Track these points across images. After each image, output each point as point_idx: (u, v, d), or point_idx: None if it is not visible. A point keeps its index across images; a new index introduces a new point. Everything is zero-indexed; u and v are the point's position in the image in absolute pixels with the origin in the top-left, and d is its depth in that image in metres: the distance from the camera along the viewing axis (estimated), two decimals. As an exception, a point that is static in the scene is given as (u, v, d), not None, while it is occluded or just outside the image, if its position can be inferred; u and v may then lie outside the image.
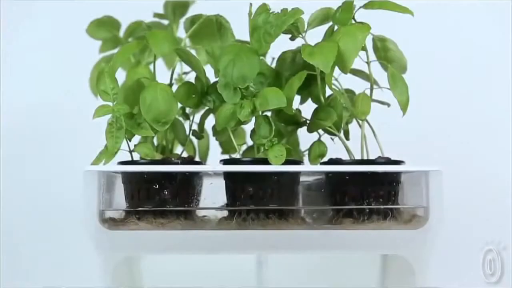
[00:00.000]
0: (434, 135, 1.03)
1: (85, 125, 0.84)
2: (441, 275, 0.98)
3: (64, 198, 1.00)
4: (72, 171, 0.78)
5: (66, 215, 0.98)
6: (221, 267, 0.89)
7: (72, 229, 0.90)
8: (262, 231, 0.72)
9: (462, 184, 0.97)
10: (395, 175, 0.76)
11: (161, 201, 0.73)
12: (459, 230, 1.03)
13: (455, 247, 1.00)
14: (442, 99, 1.05)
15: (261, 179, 0.74)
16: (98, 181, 0.73)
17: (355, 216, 0.74)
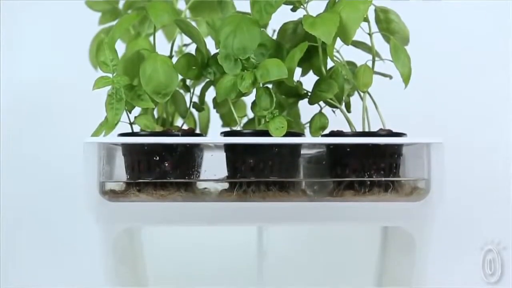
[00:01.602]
0: (436, 108, 1.03)
1: (85, 98, 0.84)
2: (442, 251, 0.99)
3: (65, 171, 1.00)
4: (73, 144, 0.78)
5: (67, 187, 0.99)
6: (221, 239, 0.89)
7: (73, 201, 0.91)
8: (262, 203, 0.72)
9: (463, 156, 0.97)
10: (396, 147, 0.75)
11: (162, 173, 0.73)
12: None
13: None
14: (444, 71, 1.04)
15: (262, 151, 0.74)
16: (98, 152, 0.73)
17: (356, 188, 0.74)
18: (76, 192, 0.76)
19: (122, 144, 0.75)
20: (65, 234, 1.04)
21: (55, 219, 1.05)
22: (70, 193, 0.92)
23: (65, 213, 1.03)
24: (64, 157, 1.00)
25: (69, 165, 0.87)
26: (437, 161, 0.73)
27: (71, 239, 1.04)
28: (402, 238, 0.77)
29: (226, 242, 0.89)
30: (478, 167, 1.02)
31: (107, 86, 0.75)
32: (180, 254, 0.92)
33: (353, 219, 0.73)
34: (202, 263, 0.91)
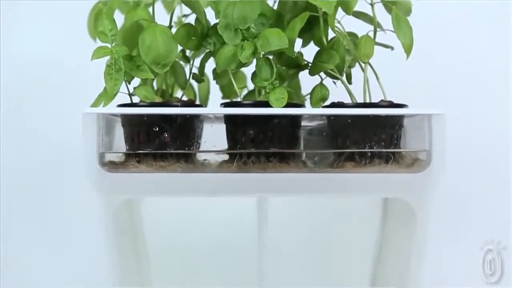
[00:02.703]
0: (437, 79, 1.02)
1: (85, 71, 0.84)
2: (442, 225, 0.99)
3: (65, 144, 0.99)
4: (72, 116, 0.77)
5: (67, 160, 0.98)
6: (221, 210, 0.89)
7: (73, 174, 0.91)
8: (262, 174, 0.72)
9: (465, 128, 0.97)
10: (397, 119, 0.75)
11: (161, 144, 0.73)
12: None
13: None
14: (446, 42, 1.03)
15: (262, 122, 0.73)
16: (97, 123, 0.72)
17: (357, 160, 0.74)
18: (76, 164, 0.76)
19: (121, 115, 0.75)
20: (65, 206, 1.05)
21: (55, 191, 1.05)
22: (70, 166, 0.93)
23: (65, 186, 1.03)
24: (64, 130, 1.00)
25: (69, 138, 0.87)
26: (439, 132, 0.73)
27: (71, 211, 1.04)
28: (403, 209, 0.77)
29: (226, 214, 0.90)
30: (478, 139, 1.03)
31: (106, 56, 0.75)
32: (180, 226, 0.92)
33: (353, 191, 0.73)
34: (202, 235, 0.91)
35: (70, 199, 1.03)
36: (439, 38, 1.03)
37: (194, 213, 0.92)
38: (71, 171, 0.94)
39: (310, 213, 0.93)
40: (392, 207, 0.85)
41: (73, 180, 0.92)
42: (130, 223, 0.83)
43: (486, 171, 1.06)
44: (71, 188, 1.01)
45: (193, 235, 0.93)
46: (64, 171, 1.03)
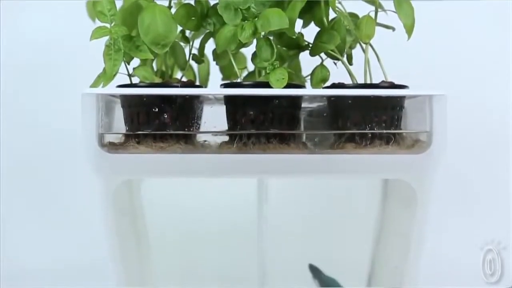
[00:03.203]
0: (439, 60, 1.02)
1: (85, 52, 0.83)
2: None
3: (65, 125, 0.99)
4: (72, 98, 0.77)
5: (67, 141, 0.98)
6: (221, 192, 0.89)
7: (73, 155, 0.90)
8: (263, 155, 0.72)
9: (466, 109, 0.97)
10: (398, 100, 0.74)
11: (161, 124, 0.72)
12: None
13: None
14: (448, 23, 1.03)
15: (262, 103, 0.73)
16: (97, 104, 0.72)
17: (357, 141, 0.73)
18: (76, 146, 0.75)
19: (120, 95, 0.74)
20: (65, 187, 1.04)
21: (55, 173, 1.05)
22: (70, 147, 0.92)
23: (65, 167, 1.03)
24: (63, 111, 0.99)
25: (69, 119, 0.86)
26: (440, 113, 0.72)
27: (71, 193, 1.04)
28: (403, 191, 0.77)
29: (226, 195, 0.90)
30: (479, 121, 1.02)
31: (105, 37, 0.74)
32: (180, 207, 0.92)
33: (353, 172, 0.73)
34: (202, 216, 0.91)
35: (70, 181, 1.03)
36: (440, 19, 1.02)
37: (194, 194, 0.91)
38: (71, 153, 0.94)
39: (310, 194, 0.93)
40: (393, 189, 0.85)
41: (73, 161, 0.91)
42: (130, 204, 0.82)
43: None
44: (71, 170, 1.01)
45: (193, 216, 0.93)
46: (64, 152, 1.02)
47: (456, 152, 0.88)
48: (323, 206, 0.85)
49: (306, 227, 0.84)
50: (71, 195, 1.04)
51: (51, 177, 1.05)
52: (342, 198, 0.87)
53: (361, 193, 0.88)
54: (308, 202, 0.93)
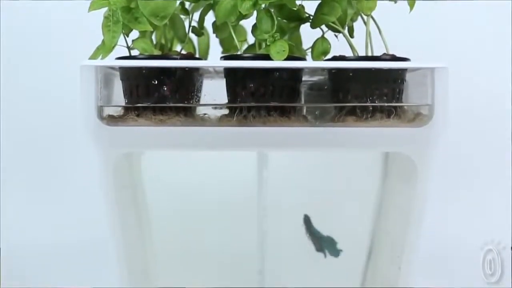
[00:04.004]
0: (441, 33, 1.01)
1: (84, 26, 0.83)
2: (444, 179, 0.99)
3: (64, 96, 0.98)
4: (72, 72, 0.77)
5: (67, 115, 0.98)
6: (221, 165, 0.89)
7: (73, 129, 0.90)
8: (263, 128, 0.71)
9: (467, 82, 0.96)
10: (399, 72, 0.74)
11: (160, 97, 0.72)
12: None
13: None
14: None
15: (263, 76, 0.72)
16: (96, 76, 0.71)
17: (358, 114, 0.73)
18: (76, 119, 0.75)
19: (120, 68, 0.74)
20: (65, 161, 1.04)
21: (55, 146, 1.04)
22: (70, 120, 0.92)
23: (65, 141, 1.03)
24: (63, 84, 0.98)
25: (68, 92, 0.86)
26: (441, 86, 0.72)
27: (71, 166, 1.04)
28: (404, 164, 0.77)
29: (226, 169, 0.89)
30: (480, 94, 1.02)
31: (104, 8, 0.73)
32: (180, 181, 0.92)
33: (354, 145, 0.72)
34: (202, 190, 0.91)
35: (70, 154, 1.03)
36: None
37: (194, 168, 0.91)
38: (71, 126, 0.93)
39: (310, 168, 0.93)
40: (393, 162, 0.85)
41: (72, 134, 0.91)
42: (130, 177, 0.82)
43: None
44: (71, 143, 1.01)
45: (193, 190, 0.93)
46: (64, 125, 1.02)
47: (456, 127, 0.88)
48: (324, 179, 0.85)
49: (306, 200, 0.84)
50: (70, 169, 1.03)
51: (50, 150, 1.05)
52: (343, 171, 0.86)
53: (362, 166, 0.88)
54: (308, 176, 0.93)
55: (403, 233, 0.77)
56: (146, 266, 0.86)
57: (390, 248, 0.82)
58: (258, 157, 0.82)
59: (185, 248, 0.95)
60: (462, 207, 1.08)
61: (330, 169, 0.91)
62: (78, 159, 0.97)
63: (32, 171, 1.05)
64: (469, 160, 1.09)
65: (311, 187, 0.84)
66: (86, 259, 1.01)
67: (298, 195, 0.85)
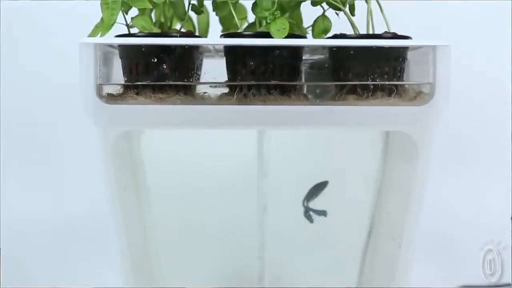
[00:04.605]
0: (443, 12, 1.00)
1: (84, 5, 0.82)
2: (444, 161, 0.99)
3: (63, 74, 0.98)
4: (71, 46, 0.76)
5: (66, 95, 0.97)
6: (221, 144, 0.89)
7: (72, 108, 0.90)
8: (263, 107, 0.71)
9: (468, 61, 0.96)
10: (401, 51, 0.73)
11: (160, 75, 0.71)
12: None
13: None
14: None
15: (263, 54, 0.72)
16: (95, 54, 0.70)
17: (359, 93, 0.73)
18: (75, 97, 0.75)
19: (119, 46, 0.73)
20: (65, 140, 1.04)
21: (54, 125, 1.04)
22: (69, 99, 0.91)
23: (65, 120, 1.02)
24: (62, 62, 0.98)
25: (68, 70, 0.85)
26: (443, 64, 0.71)
27: (70, 145, 1.04)
28: (404, 144, 0.77)
29: (226, 148, 0.89)
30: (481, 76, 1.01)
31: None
32: (180, 160, 0.92)
33: (355, 124, 0.72)
34: (202, 169, 0.91)
35: (69, 134, 1.03)
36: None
37: (194, 147, 0.91)
38: (71, 106, 0.93)
39: (310, 147, 0.93)
40: (394, 141, 0.84)
41: (72, 114, 0.90)
42: (129, 156, 0.82)
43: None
44: (70, 123, 1.00)
45: (192, 169, 0.93)
46: (63, 104, 1.02)
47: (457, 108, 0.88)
48: (324, 159, 0.85)
49: (306, 179, 0.83)
50: (70, 147, 1.03)
51: (50, 129, 1.04)
52: (343, 150, 0.86)
53: (362, 146, 0.87)
54: (308, 155, 0.93)
55: (403, 212, 0.77)
56: (146, 244, 0.86)
57: (390, 227, 0.82)
58: (258, 136, 0.81)
59: (185, 227, 0.95)
60: (463, 187, 1.08)
61: (331, 149, 0.90)
62: (78, 137, 0.96)
63: (31, 148, 1.05)
64: (470, 140, 1.09)
65: (311, 167, 0.83)
66: (85, 238, 1.01)
67: (298, 175, 0.84)
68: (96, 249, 0.98)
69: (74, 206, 1.03)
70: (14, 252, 1.02)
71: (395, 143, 0.83)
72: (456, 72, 0.74)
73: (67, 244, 1.02)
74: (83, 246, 1.02)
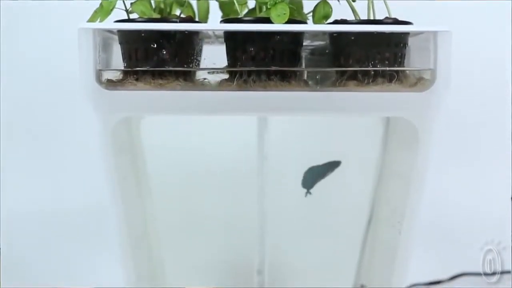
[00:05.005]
0: None
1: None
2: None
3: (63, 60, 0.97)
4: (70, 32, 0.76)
5: (66, 80, 0.97)
6: (222, 130, 0.88)
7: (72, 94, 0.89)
8: (263, 93, 0.71)
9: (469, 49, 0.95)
10: (402, 36, 0.73)
11: (160, 61, 0.71)
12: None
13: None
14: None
15: (263, 40, 0.71)
16: (94, 39, 0.70)
17: (360, 79, 0.72)
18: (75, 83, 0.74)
19: (118, 31, 0.73)
20: (65, 125, 1.04)
21: (54, 111, 1.04)
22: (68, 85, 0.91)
23: (64, 106, 1.02)
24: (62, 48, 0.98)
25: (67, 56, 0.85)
26: (444, 50, 0.71)
27: (70, 131, 1.04)
28: (405, 130, 0.76)
29: (226, 134, 0.89)
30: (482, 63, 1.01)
31: (102, -30, 0.72)
32: (179, 147, 0.92)
33: (355, 110, 0.72)
34: (202, 155, 0.91)
35: (69, 120, 1.03)
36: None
37: (193, 133, 0.91)
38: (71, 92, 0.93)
39: (311, 134, 0.92)
40: (395, 128, 0.84)
41: (72, 100, 0.90)
42: (129, 142, 0.81)
43: (488, 98, 1.04)
44: (70, 108, 1.00)
45: (192, 155, 0.93)
46: (63, 89, 1.01)
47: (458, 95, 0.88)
48: (324, 145, 0.85)
49: (306, 165, 0.83)
50: (70, 134, 1.03)
51: (50, 115, 1.04)
52: (344, 137, 0.86)
53: (363, 132, 0.87)
54: (308, 142, 0.93)
55: (403, 199, 0.77)
56: (146, 230, 0.86)
57: (390, 213, 0.82)
58: (258, 122, 0.81)
59: (185, 213, 0.95)
60: (462, 176, 1.08)
61: (331, 136, 0.90)
62: (78, 124, 0.96)
63: (31, 135, 1.05)
64: (471, 127, 1.09)
65: (311, 153, 0.83)
66: (85, 225, 1.01)
67: (298, 161, 0.84)
68: (95, 237, 0.98)
69: (74, 192, 1.03)
70: (13, 243, 1.02)
71: (395, 129, 0.83)
72: (456, 59, 0.74)
73: (67, 233, 1.02)
74: (82, 233, 1.02)
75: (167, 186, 0.91)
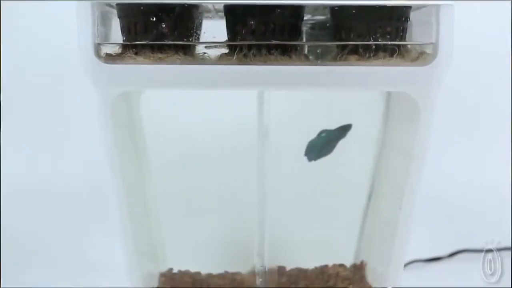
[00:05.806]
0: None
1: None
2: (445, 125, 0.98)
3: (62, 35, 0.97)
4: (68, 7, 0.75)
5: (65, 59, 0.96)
6: (221, 103, 0.88)
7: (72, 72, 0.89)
8: (263, 67, 0.70)
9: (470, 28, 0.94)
10: (404, 10, 0.72)
11: (159, 35, 0.70)
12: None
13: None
14: None
15: (263, 14, 0.71)
16: (92, 13, 0.69)
17: (361, 53, 0.71)
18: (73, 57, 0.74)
19: (117, 5, 0.72)
20: (64, 99, 1.03)
21: (53, 86, 1.03)
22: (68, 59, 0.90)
23: (64, 79, 1.02)
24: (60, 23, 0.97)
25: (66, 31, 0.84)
26: (447, 24, 0.70)
27: (69, 107, 1.03)
28: (406, 105, 0.76)
29: (226, 106, 0.88)
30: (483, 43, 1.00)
31: None
32: (179, 123, 0.91)
33: (356, 84, 0.71)
34: (201, 131, 0.90)
35: (68, 93, 1.02)
36: None
37: (193, 109, 0.90)
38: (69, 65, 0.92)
39: (311, 109, 0.92)
40: (396, 103, 0.83)
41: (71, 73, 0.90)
42: (128, 116, 0.81)
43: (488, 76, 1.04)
44: (69, 85, 0.99)
45: (192, 131, 0.92)
46: (62, 65, 1.01)
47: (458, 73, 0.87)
48: (325, 120, 0.84)
49: (307, 141, 0.83)
50: (69, 108, 1.03)
51: (49, 90, 1.04)
52: (344, 112, 0.85)
53: (364, 107, 0.87)
54: (308, 117, 0.92)
55: (404, 174, 0.77)
56: (146, 206, 0.86)
57: (391, 189, 0.82)
58: (258, 96, 0.81)
59: (184, 189, 0.94)
60: (463, 151, 1.08)
61: (331, 110, 0.90)
62: (77, 98, 0.96)
63: (30, 110, 1.05)
64: (471, 105, 1.09)
65: (312, 128, 0.83)
66: (85, 197, 1.01)
67: (298, 136, 0.84)
68: (95, 210, 0.98)
69: (74, 168, 1.02)
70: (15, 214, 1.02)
71: (396, 104, 0.83)
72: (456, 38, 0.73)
73: (66, 205, 1.02)
74: (82, 207, 1.02)
75: (166, 161, 0.91)
